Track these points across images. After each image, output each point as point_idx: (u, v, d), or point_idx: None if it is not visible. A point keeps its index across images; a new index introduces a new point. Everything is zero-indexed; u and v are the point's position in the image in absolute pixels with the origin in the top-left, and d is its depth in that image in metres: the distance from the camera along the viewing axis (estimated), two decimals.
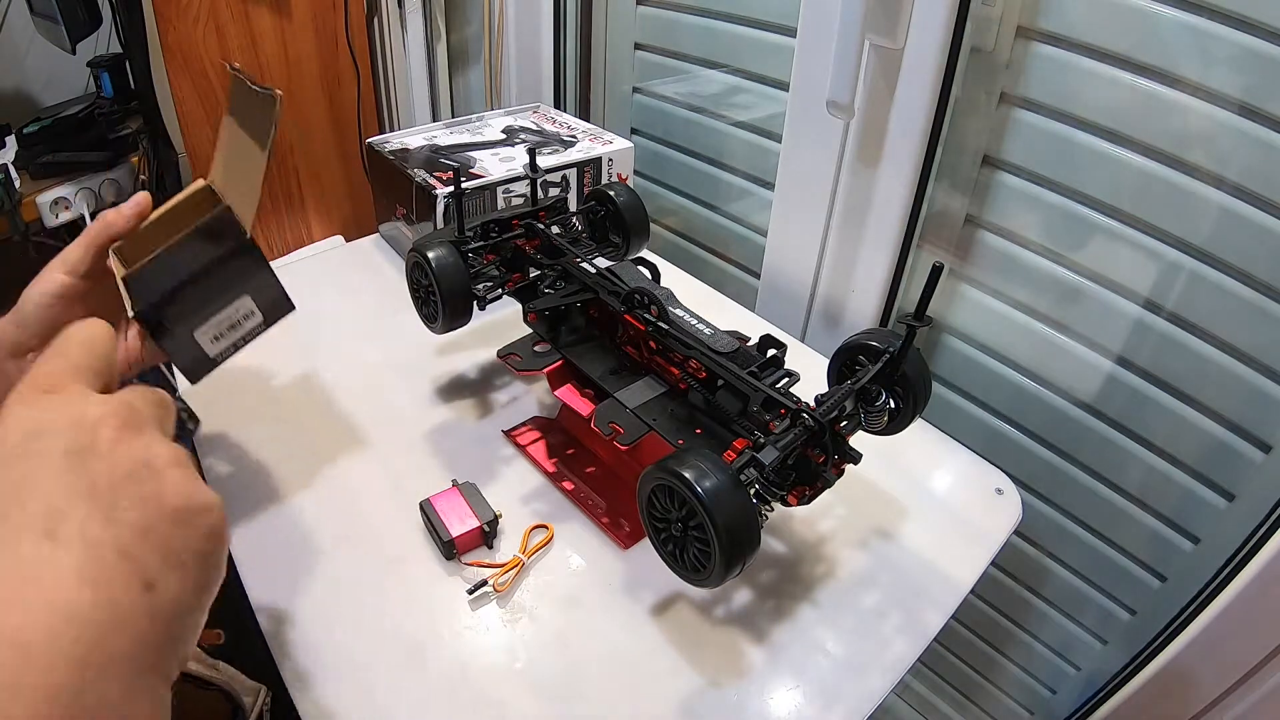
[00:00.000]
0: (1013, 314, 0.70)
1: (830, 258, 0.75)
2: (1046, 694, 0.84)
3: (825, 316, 0.79)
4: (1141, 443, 0.67)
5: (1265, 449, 0.60)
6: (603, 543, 0.53)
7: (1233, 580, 0.58)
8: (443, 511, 0.51)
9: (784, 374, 0.48)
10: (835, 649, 0.47)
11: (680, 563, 0.41)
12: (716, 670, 0.46)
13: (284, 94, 0.41)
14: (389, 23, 1.17)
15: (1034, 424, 0.74)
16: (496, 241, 0.60)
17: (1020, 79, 0.62)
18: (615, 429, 0.48)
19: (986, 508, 0.58)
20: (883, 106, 0.64)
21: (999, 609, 0.85)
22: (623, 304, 0.51)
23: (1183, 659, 0.62)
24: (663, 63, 0.93)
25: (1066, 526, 0.74)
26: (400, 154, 0.81)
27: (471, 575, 0.50)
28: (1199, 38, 0.53)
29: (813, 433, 0.42)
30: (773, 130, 0.82)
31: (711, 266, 0.98)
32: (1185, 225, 0.58)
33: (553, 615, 0.48)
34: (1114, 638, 0.75)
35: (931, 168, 0.66)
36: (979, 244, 0.70)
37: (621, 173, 0.85)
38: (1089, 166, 0.61)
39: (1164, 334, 0.62)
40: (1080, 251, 0.64)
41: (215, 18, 1.03)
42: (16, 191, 1.07)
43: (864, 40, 0.60)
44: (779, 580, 0.51)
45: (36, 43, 1.21)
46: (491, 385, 0.67)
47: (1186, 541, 0.66)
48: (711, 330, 0.49)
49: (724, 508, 0.37)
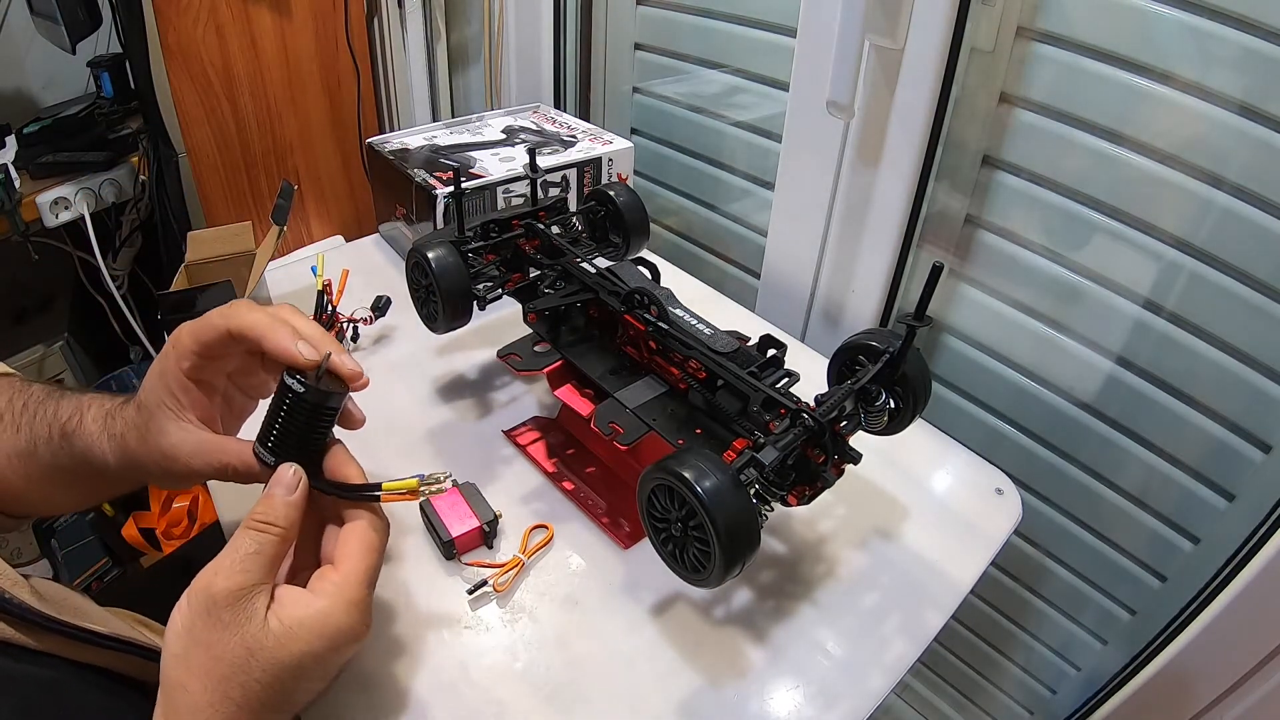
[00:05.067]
0: (1013, 314, 0.70)
1: (830, 258, 0.75)
2: (1046, 694, 0.84)
3: (825, 316, 0.79)
4: (1141, 443, 0.67)
5: (1265, 449, 0.60)
6: (603, 543, 0.53)
7: (1233, 580, 0.58)
8: (443, 511, 0.51)
9: (784, 374, 0.48)
10: (835, 649, 0.47)
11: (680, 563, 0.41)
12: (716, 670, 0.46)
13: (284, 94, 0.42)
14: (389, 23, 1.18)
15: (1034, 424, 0.74)
16: (496, 241, 0.60)
17: (1020, 79, 0.62)
18: (615, 429, 0.48)
19: (986, 508, 0.58)
20: (883, 106, 0.64)
21: (999, 609, 0.85)
22: (623, 304, 0.51)
23: (1183, 659, 0.62)
24: (663, 63, 0.93)
25: (1066, 526, 0.74)
26: (400, 154, 0.81)
27: (471, 575, 0.50)
28: (1199, 38, 0.53)
29: (813, 433, 0.42)
30: (773, 130, 0.82)
31: (711, 266, 0.98)
32: (1185, 225, 0.58)
33: (553, 615, 0.48)
34: (1114, 638, 0.75)
35: (931, 168, 0.65)
36: (979, 244, 0.70)
37: (621, 173, 0.85)
38: (1089, 166, 0.61)
39: (1164, 334, 0.62)
40: (1080, 251, 0.64)
41: (215, 18, 1.04)
42: (16, 191, 1.07)
43: (864, 40, 0.60)
44: (779, 580, 0.51)
45: (36, 43, 1.21)
46: (491, 385, 0.67)
47: (1186, 541, 0.66)
48: (711, 330, 0.49)
49: (724, 508, 0.37)
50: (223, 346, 0.40)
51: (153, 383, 0.41)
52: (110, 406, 0.43)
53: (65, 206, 1.13)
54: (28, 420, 0.43)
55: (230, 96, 1.10)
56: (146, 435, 0.40)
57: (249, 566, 0.34)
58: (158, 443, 0.40)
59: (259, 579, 0.34)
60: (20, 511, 0.46)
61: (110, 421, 0.42)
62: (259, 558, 0.35)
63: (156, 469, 0.41)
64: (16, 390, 0.45)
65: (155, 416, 0.40)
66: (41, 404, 0.43)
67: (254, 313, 0.40)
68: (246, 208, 1.20)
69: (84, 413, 0.42)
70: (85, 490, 0.46)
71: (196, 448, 0.40)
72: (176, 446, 0.40)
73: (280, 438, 0.39)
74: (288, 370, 0.39)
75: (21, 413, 0.43)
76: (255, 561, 0.35)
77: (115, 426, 0.42)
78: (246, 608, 0.33)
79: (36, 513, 0.48)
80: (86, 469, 0.42)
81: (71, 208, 1.13)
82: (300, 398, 0.39)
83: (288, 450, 0.39)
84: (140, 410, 0.41)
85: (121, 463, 0.41)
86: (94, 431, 0.42)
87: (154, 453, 0.40)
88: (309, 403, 0.39)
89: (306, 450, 0.40)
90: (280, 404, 0.39)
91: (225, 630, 0.33)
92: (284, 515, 0.37)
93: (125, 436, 0.41)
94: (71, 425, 0.42)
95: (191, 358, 0.40)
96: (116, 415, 0.42)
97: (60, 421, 0.42)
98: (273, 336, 0.39)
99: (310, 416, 0.39)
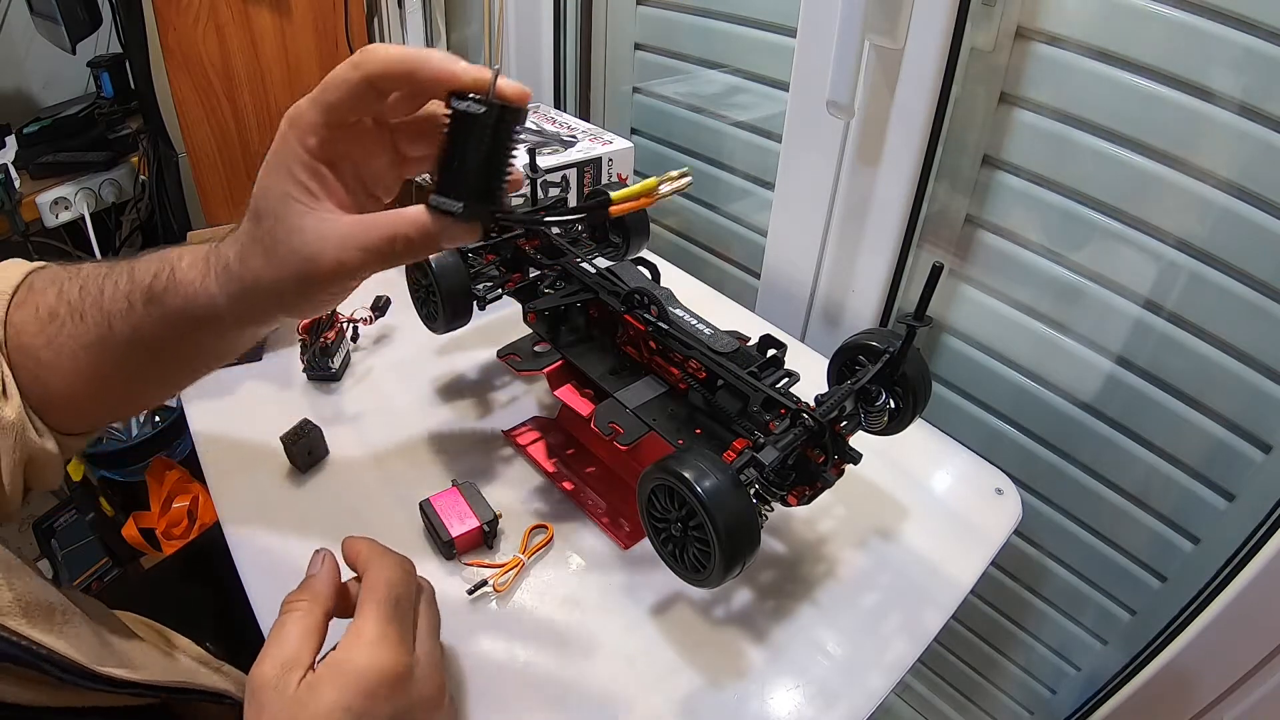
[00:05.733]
0: (1013, 314, 0.70)
1: (830, 258, 0.75)
2: (1046, 694, 0.84)
3: (825, 316, 0.79)
4: (1141, 443, 0.66)
5: (1265, 449, 0.59)
6: (603, 543, 0.53)
7: (1233, 580, 0.58)
8: (443, 511, 0.51)
9: (784, 374, 0.48)
10: (835, 649, 0.47)
11: (680, 563, 0.41)
12: (716, 670, 0.46)
13: (284, 94, 0.41)
14: (389, 23, 1.18)
15: (1034, 424, 0.74)
16: (496, 241, 0.60)
17: (1020, 79, 0.62)
18: (615, 429, 0.48)
19: (986, 508, 0.58)
20: (883, 106, 0.64)
21: (999, 609, 0.84)
22: (623, 304, 0.51)
23: (1183, 659, 0.62)
24: (663, 63, 0.93)
25: (1066, 526, 0.74)
26: None
27: (471, 575, 0.50)
28: (1199, 37, 0.53)
29: (812, 433, 0.42)
30: (773, 130, 0.82)
31: (711, 266, 0.98)
32: (1185, 225, 0.58)
33: (553, 615, 0.48)
34: (1114, 638, 0.75)
35: (931, 168, 0.65)
36: (979, 244, 0.70)
37: (621, 173, 0.85)
38: (1089, 166, 0.61)
39: (1164, 334, 0.62)
40: (1080, 251, 0.64)
41: (215, 18, 1.03)
42: (16, 191, 1.07)
43: (864, 40, 0.60)
44: (779, 580, 0.51)
45: (36, 43, 1.21)
46: (491, 385, 0.67)
47: (1186, 541, 0.66)
48: (711, 330, 0.49)
49: (724, 508, 0.37)
50: (355, 105, 0.33)
51: (269, 182, 0.34)
52: (206, 249, 0.37)
53: (65, 206, 1.13)
54: (92, 303, 0.37)
55: (230, 96, 1.10)
56: (275, 245, 0.33)
57: (274, 650, 0.34)
58: (292, 247, 0.33)
59: (288, 656, 0.34)
60: (89, 422, 0.42)
61: (214, 259, 0.36)
62: (286, 637, 0.34)
63: (294, 283, 0.34)
64: (67, 280, 0.39)
65: (283, 218, 0.33)
66: (106, 278, 0.38)
67: (389, 49, 0.32)
68: (246, 208, 1.20)
69: (174, 265, 0.36)
70: (179, 361, 0.40)
71: (348, 233, 0.33)
72: (323, 239, 0.33)
73: (458, 177, 0.33)
74: (455, 96, 0.32)
75: (81, 298, 0.38)
76: (280, 641, 0.34)
77: (223, 260, 0.35)
78: (279, 684, 0.33)
79: (111, 417, 0.43)
80: (184, 329, 0.36)
81: (71, 208, 1.14)
82: (479, 120, 0.32)
83: (471, 190, 0.33)
84: (259, 221, 0.34)
85: (239, 301, 0.35)
86: (193, 279, 0.36)
87: (289, 263, 0.33)
88: (491, 123, 0.32)
89: (491, 187, 0.34)
90: (455, 138, 0.33)
91: (262, 712, 0.32)
92: (308, 589, 0.36)
93: (243, 262, 0.34)
94: (160, 284, 0.36)
95: (318, 130, 0.33)
96: (220, 251, 0.36)
97: (142, 285, 0.36)
98: (427, 61, 0.32)
99: (494, 141, 0.33)
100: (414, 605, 0.38)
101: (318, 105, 0.33)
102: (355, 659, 0.33)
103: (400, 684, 0.34)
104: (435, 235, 0.33)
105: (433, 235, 0.33)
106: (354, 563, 0.38)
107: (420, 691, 0.35)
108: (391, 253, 0.33)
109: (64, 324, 0.38)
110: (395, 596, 0.36)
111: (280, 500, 0.55)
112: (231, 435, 0.61)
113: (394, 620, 0.35)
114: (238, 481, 0.57)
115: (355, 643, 0.34)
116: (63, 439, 0.40)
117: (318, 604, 0.36)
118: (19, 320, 0.38)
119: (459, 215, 0.33)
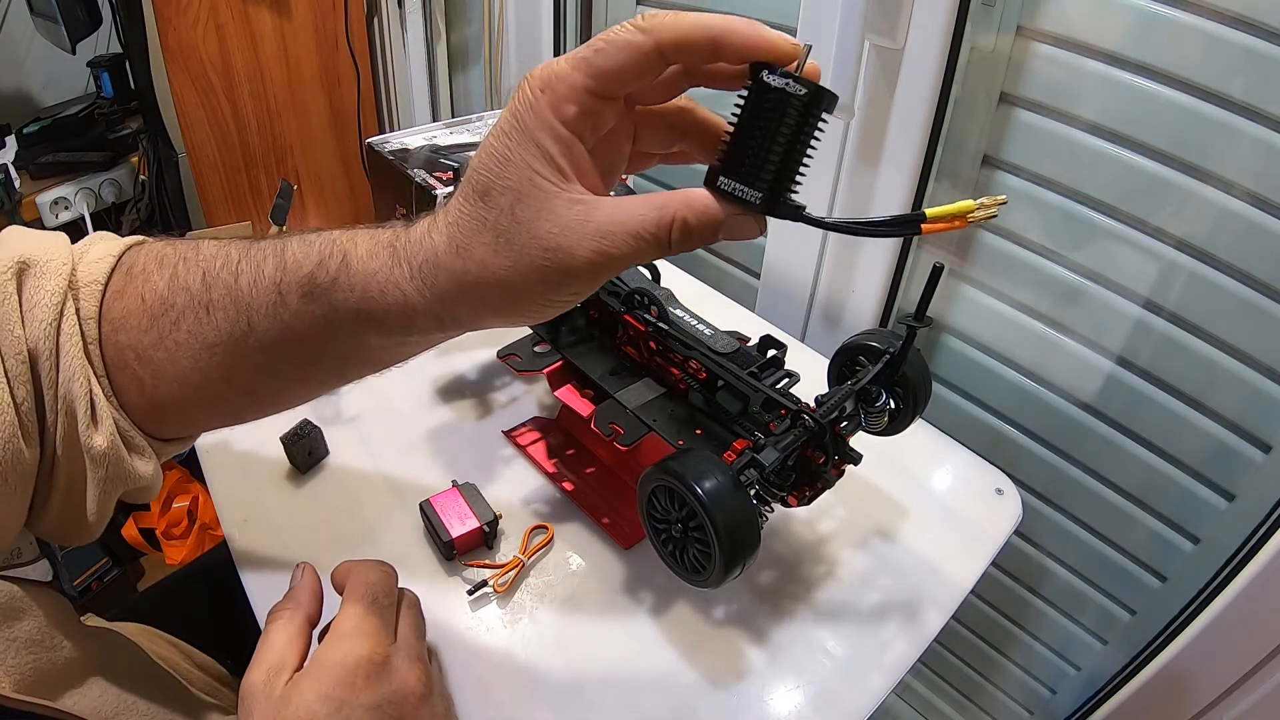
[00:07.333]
0: (1013, 314, 0.70)
1: (830, 258, 0.75)
2: (1046, 694, 0.84)
3: (825, 316, 0.79)
4: (1141, 443, 0.66)
5: (1265, 449, 0.59)
6: (603, 543, 0.53)
7: (1233, 580, 0.58)
8: (443, 512, 0.51)
9: (784, 374, 0.48)
10: (835, 649, 0.47)
11: (680, 563, 0.41)
12: (716, 670, 0.46)
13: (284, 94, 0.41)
14: (389, 23, 1.18)
15: (1034, 424, 0.74)
16: None
17: (1020, 79, 0.62)
18: (615, 429, 0.48)
19: (986, 508, 0.58)
20: (883, 106, 0.64)
21: (999, 609, 0.84)
22: (623, 304, 0.51)
23: (1183, 659, 0.62)
24: None
25: (1066, 526, 0.74)
26: (400, 154, 0.81)
27: (471, 576, 0.50)
28: (1199, 37, 0.53)
29: (813, 433, 0.42)
30: None
31: (711, 266, 0.98)
32: (1185, 225, 0.58)
33: (553, 616, 0.48)
34: (1114, 638, 0.75)
35: (931, 168, 0.65)
36: (979, 244, 0.70)
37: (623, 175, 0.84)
38: (1089, 166, 0.61)
39: (1164, 334, 0.62)
40: (1080, 251, 0.64)
41: (215, 18, 1.04)
42: (16, 191, 1.07)
43: (864, 40, 0.60)
44: (779, 580, 0.51)
45: (36, 43, 1.21)
46: (491, 385, 0.67)
47: (1186, 541, 0.66)
48: (711, 331, 0.49)
49: (724, 508, 0.37)
50: (634, 75, 0.27)
51: (508, 153, 0.28)
52: (387, 233, 0.30)
53: (65, 206, 1.13)
54: (222, 293, 0.31)
55: (230, 96, 1.10)
56: (515, 230, 0.27)
57: (261, 658, 0.35)
58: (536, 233, 0.27)
59: (274, 661, 0.34)
60: (199, 428, 0.38)
61: (403, 246, 0.29)
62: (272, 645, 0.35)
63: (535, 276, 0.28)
64: (180, 262, 0.32)
65: (527, 198, 0.27)
66: (241, 261, 0.32)
67: (687, 15, 0.27)
68: (246, 208, 1.20)
69: (347, 251, 0.30)
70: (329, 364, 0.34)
71: (610, 217, 0.27)
72: (582, 224, 0.27)
73: (757, 162, 0.28)
74: (766, 70, 0.28)
75: (205, 286, 0.31)
76: (266, 649, 0.35)
77: (422, 246, 0.29)
78: (267, 688, 0.33)
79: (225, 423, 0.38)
80: (354, 327, 0.31)
81: (71, 208, 1.14)
82: (796, 100, 0.28)
83: (764, 175, 0.29)
84: (488, 200, 0.28)
85: (445, 298, 0.29)
86: (376, 269, 0.29)
87: (530, 252, 0.27)
88: (801, 105, 0.28)
89: (786, 175, 0.29)
90: (761, 117, 0.28)
91: (251, 716, 0.33)
92: (291, 598, 0.38)
93: (460, 251, 0.28)
94: (326, 274, 0.30)
95: (581, 99, 0.27)
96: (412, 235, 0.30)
97: (299, 274, 0.30)
98: (734, 28, 0.27)
99: (798, 125, 0.28)
100: (394, 603, 0.39)
101: (588, 69, 0.27)
102: (332, 651, 0.34)
103: (377, 672, 0.34)
104: (719, 224, 0.28)
105: (717, 224, 0.28)
106: (340, 582, 0.39)
107: (401, 681, 0.35)
108: (664, 242, 0.28)
109: (181, 317, 0.31)
110: (373, 594, 0.37)
111: (280, 500, 0.55)
112: (231, 435, 0.61)
113: (370, 614, 0.36)
114: (238, 482, 0.57)
115: (332, 637, 0.35)
116: (162, 446, 0.36)
117: (300, 611, 0.37)
118: (120, 314, 0.32)
119: (756, 206, 0.28)
